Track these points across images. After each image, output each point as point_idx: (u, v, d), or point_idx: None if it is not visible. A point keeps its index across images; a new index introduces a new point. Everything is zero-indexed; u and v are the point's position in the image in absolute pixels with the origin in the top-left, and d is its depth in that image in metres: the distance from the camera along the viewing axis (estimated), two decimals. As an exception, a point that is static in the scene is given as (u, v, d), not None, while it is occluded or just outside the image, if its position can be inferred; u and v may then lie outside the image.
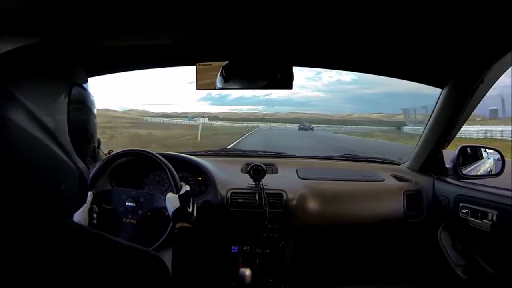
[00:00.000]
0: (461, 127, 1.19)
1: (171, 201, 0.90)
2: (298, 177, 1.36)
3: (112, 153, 1.17)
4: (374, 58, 1.15)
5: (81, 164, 0.48)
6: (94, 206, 0.93)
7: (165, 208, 0.93)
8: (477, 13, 0.74)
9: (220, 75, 1.13)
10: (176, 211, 0.87)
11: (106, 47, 1.07)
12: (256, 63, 1.13)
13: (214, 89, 1.15)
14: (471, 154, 1.29)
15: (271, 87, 1.13)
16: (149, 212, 0.98)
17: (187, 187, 0.97)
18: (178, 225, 0.84)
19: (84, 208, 0.88)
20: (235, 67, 1.13)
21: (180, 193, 0.93)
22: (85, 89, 0.50)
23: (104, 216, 0.97)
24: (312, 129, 30.46)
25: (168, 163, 1.05)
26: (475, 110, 1.13)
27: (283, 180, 1.32)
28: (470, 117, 1.16)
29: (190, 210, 0.90)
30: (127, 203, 0.98)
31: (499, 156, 1.19)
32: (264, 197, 1.20)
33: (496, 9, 0.71)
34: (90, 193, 0.92)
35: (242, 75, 1.14)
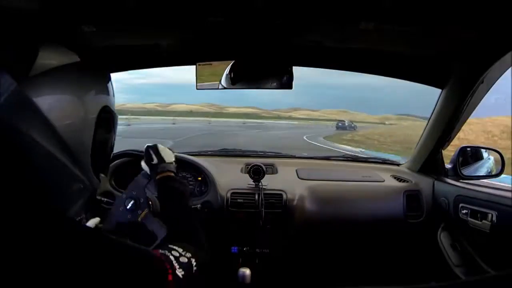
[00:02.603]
0: (461, 127, 1.18)
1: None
2: (298, 177, 1.36)
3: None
4: (374, 58, 1.15)
5: (95, 180, 0.48)
6: None
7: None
8: (477, 13, 0.74)
9: (220, 74, 1.14)
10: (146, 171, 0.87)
11: (106, 47, 1.07)
12: (256, 63, 1.13)
13: (215, 89, 1.15)
14: (471, 154, 1.29)
15: (271, 87, 1.13)
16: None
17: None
18: (158, 177, 0.83)
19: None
20: (235, 66, 1.13)
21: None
22: (113, 111, 0.49)
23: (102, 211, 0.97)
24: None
25: None
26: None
27: (283, 181, 1.32)
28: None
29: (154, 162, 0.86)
30: (127, 202, 0.99)
31: (499, 156, 1.19)
32: (261, 197, 1.20)
33: (496, 9, 0.71)
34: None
35: (241, 75, 1.14)
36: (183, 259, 0.51)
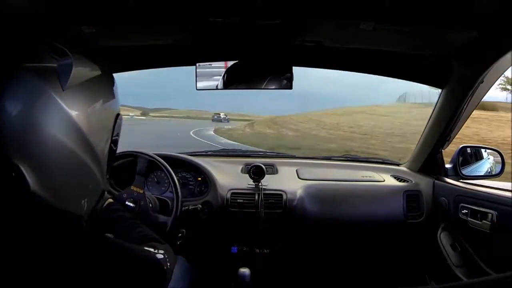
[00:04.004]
0: (461, 127, 1.18)
1: None
2: (298, 177, 1.36)
3: None
4: (374, 58, 1.15)
5: (106, 183, 0.51)
6: None
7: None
8: (477, 13, 0.74)
9: (220, 75, 1.14)
10: None
11: (106, 47, 1.07)
12: (255, 63, 1.13)
13: (214, 89, 1.15)
14: (471, 154, 1.29)
15: (271, 87, 1.13)
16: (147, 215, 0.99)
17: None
18: None
19: None
20: (235, 67, 1.13)
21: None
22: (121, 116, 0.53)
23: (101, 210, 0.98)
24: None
25: (170, 170, 1.06)
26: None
27: (283, 181, 1.32)
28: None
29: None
30: (127, 202, 0.99)
31: (499, 156, 1.19)
32: (261, 198, 1.19)
33: (496, 9, 0.71)
34: None
35: (242, 75, 1.14)
36: (159, 256, 0.53)
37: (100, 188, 0.48)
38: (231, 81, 1.13)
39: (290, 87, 1.11)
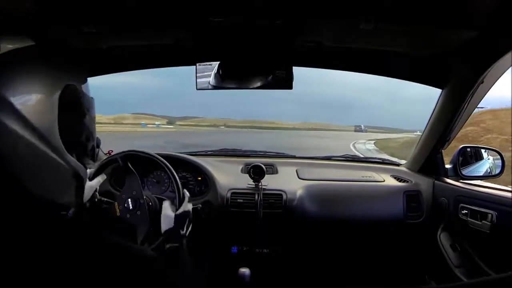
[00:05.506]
0: (461, 127, 1.18)
1: (167, 219, 0.84)
2: (298, 177, 1.36)
3: (112, 153, 1.18)
4: (374, 58, 1.15)
5: (74, 163, 0.48)
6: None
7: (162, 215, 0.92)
8: (477, 13, 0.74)
9: (220, 75, 1.14)
10: (168, 231, 0.82)
11: (107, 47, 1.07)
12: (255, 63, 1.13)
13: (214, 89, 1.15)
14: (471, 154, 1.29)
15: (271, 87, 1.13)
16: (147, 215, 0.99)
17: (189, 206, 0.90)
18: (167, 246, 0.78)
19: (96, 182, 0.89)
20: (235, 67, 1.13)
21: (178, 212, 0.86)
22: (79, 90, 0.50)
23: (101, 210, 0.97)
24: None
25: (172, 169, 1.06)
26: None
27: (283, 181, 1.32)
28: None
29: (183, 232, 0.83)
30: (127, 202, 0.99)
31: (499, 157, 1.19)
32: (260, 198, 1.20)
33: (496, 9, 0.71)
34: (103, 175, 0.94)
35: (242, 75, 1.14)
36: None
37: (61, 167, 0.46)
38: (231, 81, 1.13)
39: (290, 87, 1.11)
